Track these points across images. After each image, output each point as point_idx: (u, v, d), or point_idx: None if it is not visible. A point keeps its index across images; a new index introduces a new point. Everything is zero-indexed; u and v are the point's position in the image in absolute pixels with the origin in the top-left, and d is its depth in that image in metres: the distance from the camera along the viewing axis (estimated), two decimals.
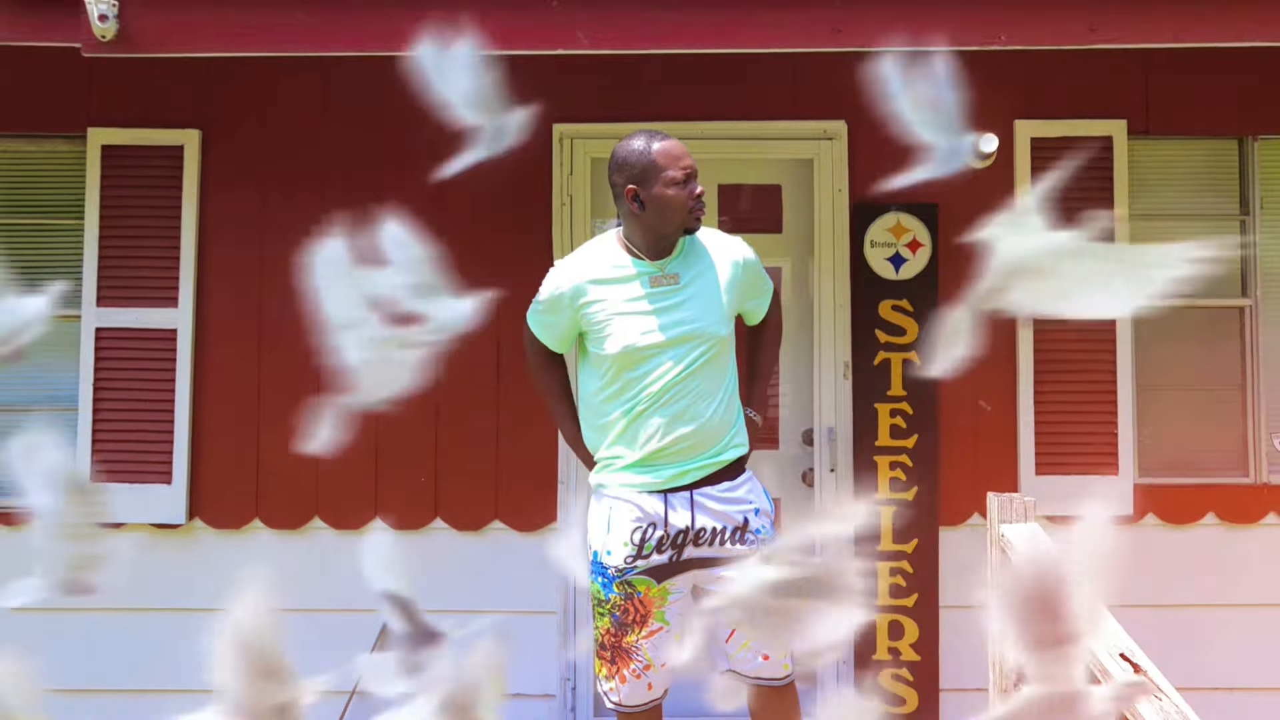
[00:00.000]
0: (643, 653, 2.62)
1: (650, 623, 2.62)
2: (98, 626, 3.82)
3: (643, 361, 2.59)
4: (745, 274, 2.70)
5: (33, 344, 2.52)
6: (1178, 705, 1.89)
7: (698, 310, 2.61)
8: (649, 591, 2.62)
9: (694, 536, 2.61)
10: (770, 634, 0.92)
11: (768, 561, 0.92)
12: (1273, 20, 2.62)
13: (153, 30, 2.72)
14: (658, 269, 2.64)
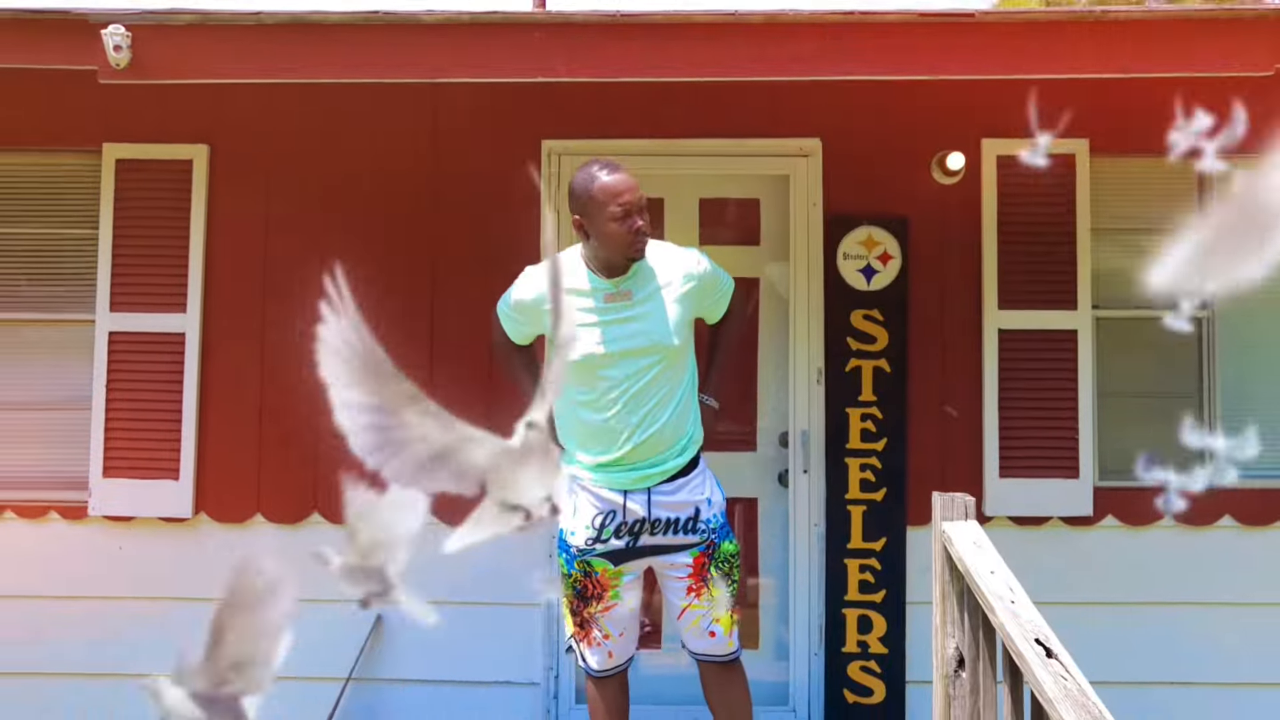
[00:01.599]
0: (600, 625, 2.92)
1: (606, 598, 2.89)
2: (113, 613, 4.03)
3: (599, 369, 2.81)
4: (699, 284, 2.91)
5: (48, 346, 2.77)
6: (1079, 684, 2.08)
7: (650, 325, 2.83)
8: (605, 572, 2.89)
9: (649, 526, 2.87)
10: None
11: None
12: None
13: (163, 59, 2.94)
14: (613, 286, 2.87)
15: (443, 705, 4.01)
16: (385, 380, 0.88)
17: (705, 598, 2.93)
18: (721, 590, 2.93)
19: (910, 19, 2.90)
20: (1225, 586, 4.03)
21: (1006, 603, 2.41)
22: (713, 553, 2.92)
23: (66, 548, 4.07)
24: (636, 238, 2.82)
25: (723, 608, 2.94)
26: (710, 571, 2.92)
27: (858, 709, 3.97)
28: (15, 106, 4.07)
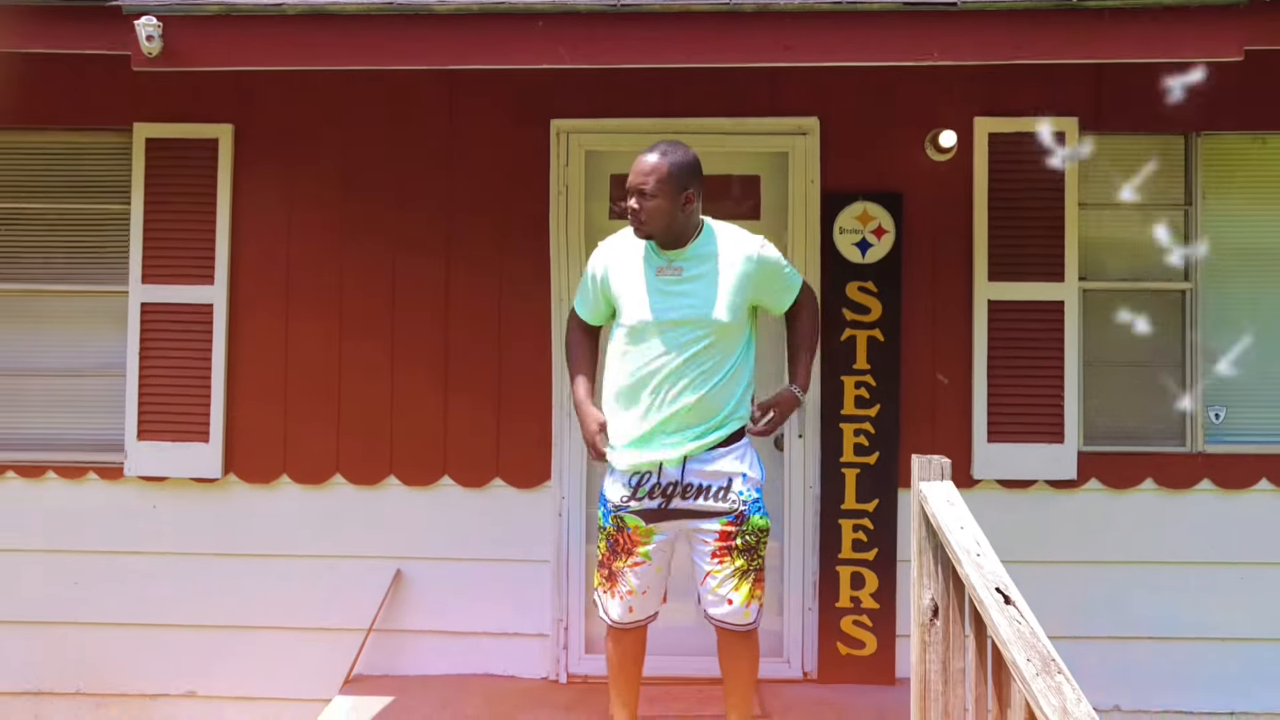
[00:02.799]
0: (627, 579, 3.11)
1: (635, 554, 3.09)
2: (148, 567, 4.29)
3: (646, 336, 3.04)
4: (758, 268, 3.09)
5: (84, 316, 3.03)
6: (1032, 628, 2.28)
7: (698, 300, 3.03)
8: (637, 529, 3.10)
9: (681, 490, 3.07)
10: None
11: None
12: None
13: (193, 48, 3.14)
14: (665, 260, 3.08)
15: (458, 654, 4.26)
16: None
17: (728, 566, 3.10)
18: (744, 561, 3.12)
19: (894, 7, 3.07)
20: (1203, 547, 4.22)
21: (973, 556, 2.61)
22: (742, 524, 3.09)
23: (104, 506, 4.32)
24: (632, 215, 3.03)
25: (743, 578, 3.12)
26: (736, 542, 3.10)
27: (850, 660, 4.19)
28: (50, 88, 4.28)
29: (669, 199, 3.03)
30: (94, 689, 4.30)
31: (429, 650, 4.26)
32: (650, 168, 3.03)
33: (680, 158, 3.07)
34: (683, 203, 3.05)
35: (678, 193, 3.03)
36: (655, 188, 3.02)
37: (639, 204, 3.02)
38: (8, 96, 4.24)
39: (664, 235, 3.08)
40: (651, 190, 3.02)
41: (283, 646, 4.27)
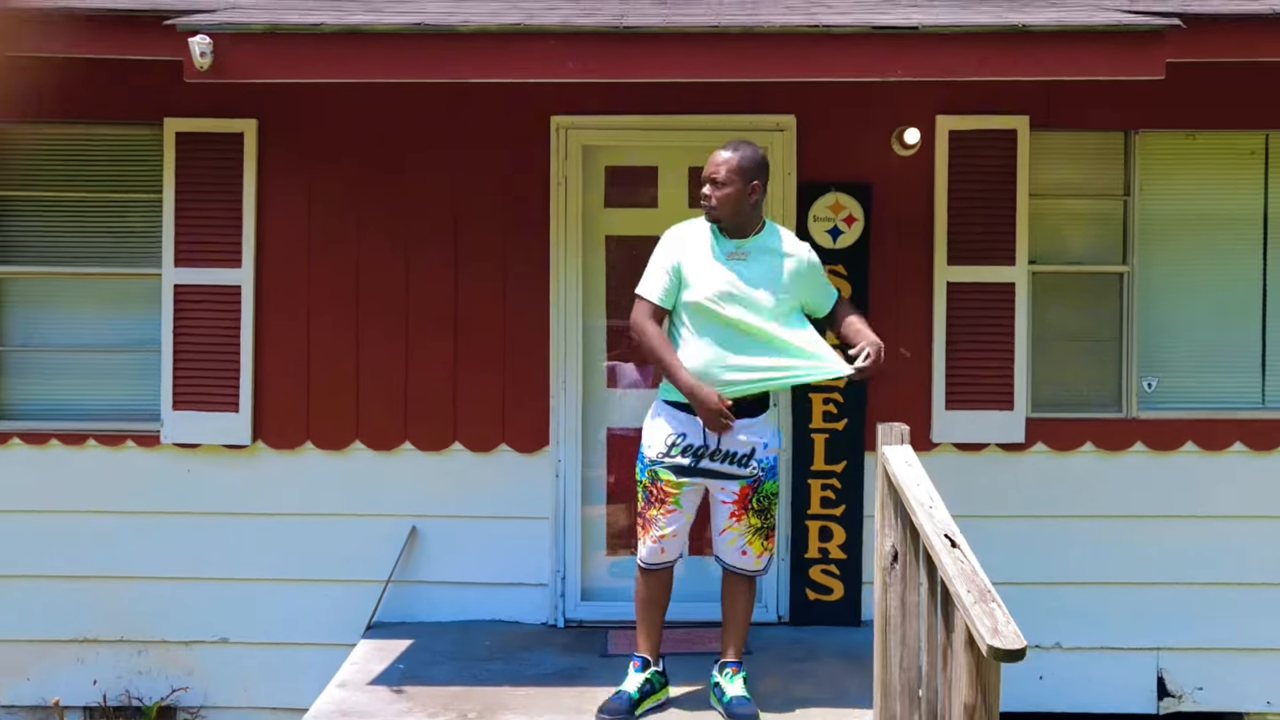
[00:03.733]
0: (660, 524, 3.59)
1: (668, 504, 3.58)
2: (182, 526, 4.70)
3: (711, 310, 3.49)
4: (807, 269, 3.60)
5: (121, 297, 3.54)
6: (972, 565, 2.75)
7: (761, 284, 3.50)
8: (669, 483, 3.59)
9: (710, 453, 3.55)
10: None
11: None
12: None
13: (240, 62, 3.51)
14: (735, 246, 3.56)
15: (468, 603, 4.70)
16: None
17: (744, 524, 3.60)
18: (758, 520, 3.61)
19: (862, 30, 3.48)
20: (1137, 502, 4.72)
21: (926, 508, 3.07)
22: (758, 487, 3.59)
23: (142, 471, 4.72)
24: (706, 202, 3.53)
25: (756, 534, 3.62)
26: (752, 503, 3.59)
27: (819, 605, 4.68)
28: (88, 86, 4.61)
29: (737, 188, 3.50)
30: (135, 636, 4.71)
31: (442, 599, 4.71)
32: (723, 160, 3.51)
33: (750, 154, 3.55)
34: (749, 192, 3.52)
35: (746, 183, 3.51)
36: (726, 177, 3.50)
37: (711, 191, 3.50)
38: (50, 94, 4.59)
39: (731, 220, 3.55)
40: (723, 179, 3.50)
41: (308, 597, 4.70)
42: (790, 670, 4.12)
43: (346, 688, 3.92)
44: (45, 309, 4.83)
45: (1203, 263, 4.82)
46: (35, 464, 4.70)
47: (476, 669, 4.12)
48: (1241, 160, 4.81)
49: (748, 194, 3.51)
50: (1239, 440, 4.73)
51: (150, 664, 4.71)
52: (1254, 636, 4.72)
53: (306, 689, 4.24)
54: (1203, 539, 4.71)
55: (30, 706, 4.69)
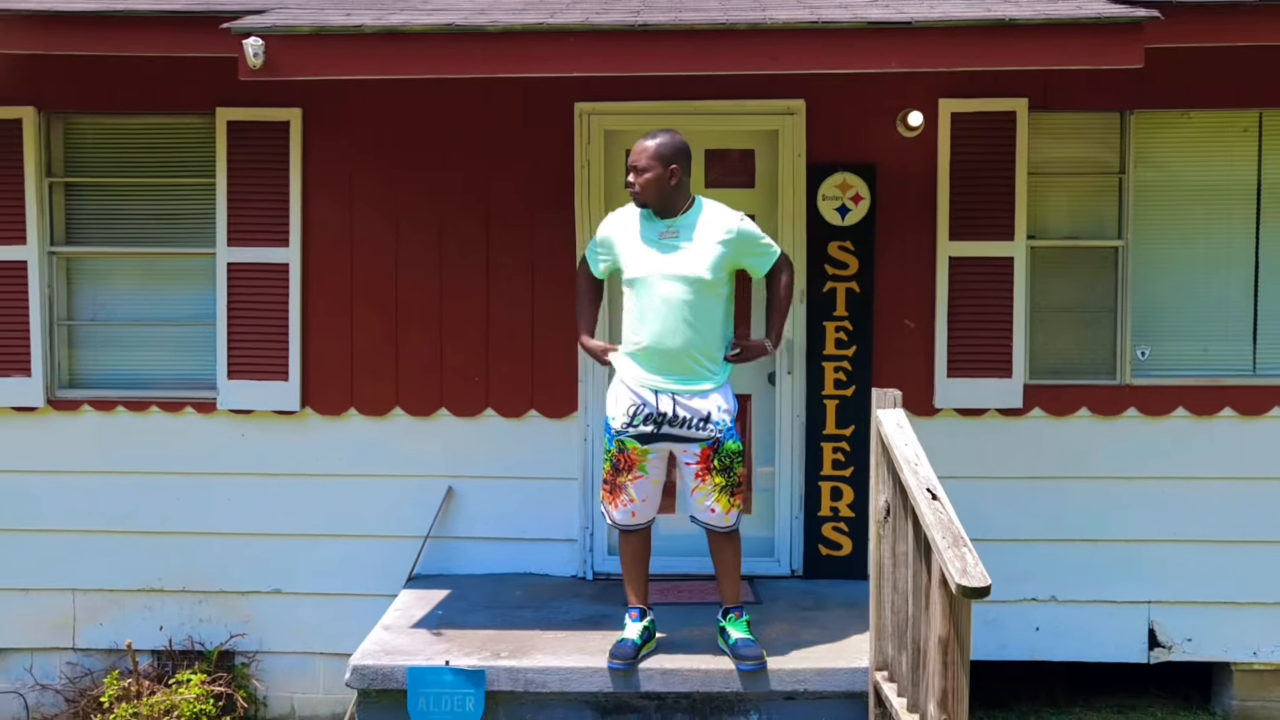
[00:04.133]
0: (629, 490, 3.89)
1: (634, 470, 3.88)
2: (237, 485, 5.09)
3: (646, 287, 3.81)
4: (737, 237, 3.85)
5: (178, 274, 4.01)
6: (949, 515, 3.06)
7: (688, 259, 3.79)
8: (634, 450, 3.88)
9: (670, 419, 3.84)
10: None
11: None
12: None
13: (289, 61, 3.83)
14: (665, 226, 3.86)
15: (501, 557, 5.08)
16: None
17: (709, 483, 3.91)
18: (721, 479, 3.91)
19: (860, 26, 3.75)
20: (1129, 465, 4.99)
21: (913, 466, 3.39)
22: (717, 449, 3.90)
23: (200, 435, 5.11)
24: (629, 188, 3.84)
25: (722, 491, 3.92)
26: (714, 463, 3.90)
27: (829, 559, 5.01)
28: (144, 78, 4.97)
29: (657, 173, 3.79)
30: (196, 587, 5.13)
31: (476, 554, 5.08)
32: (644, 148, 3.81)
33: (667, 140, 3.82)
34: (669, 176, 3.80)
35: (665, 167, 3.79)
36: (646, 163, 3.79)
37: (634, 178, 3.81)
38: (112, 88, 4.96)
39: (656, 204, 3.84)
40: (644, 165, 3.79)
41: (352, 551, 5.09)
42: (799, 618, 4.45)
43: (390, 630, 4.31)
44: (110, 286, 5.22)
45: (1196, 237, 5.06)
46: (104, 428, 5.11)
47: (509, 615, 4.49)
48: (1235, 137, 5.03)
49: (668, 178, 3.79)
50: (1229, 406, 4.98)
51: (210, 612, 5.13)
52: (1240, 591, 4.99)
53: (352, 634, 4.62)
54: (1192, 499, 4.98)
55: (104, 650, 5.12)
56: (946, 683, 2.96)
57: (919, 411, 4.95)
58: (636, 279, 3.85)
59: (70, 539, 5.12)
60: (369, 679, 3.94)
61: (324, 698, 5.11)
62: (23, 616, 5.14)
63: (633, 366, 3.90)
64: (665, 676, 3.91)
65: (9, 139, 5.02)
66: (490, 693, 3.88)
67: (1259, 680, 5.04)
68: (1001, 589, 4.90)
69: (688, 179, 3.88)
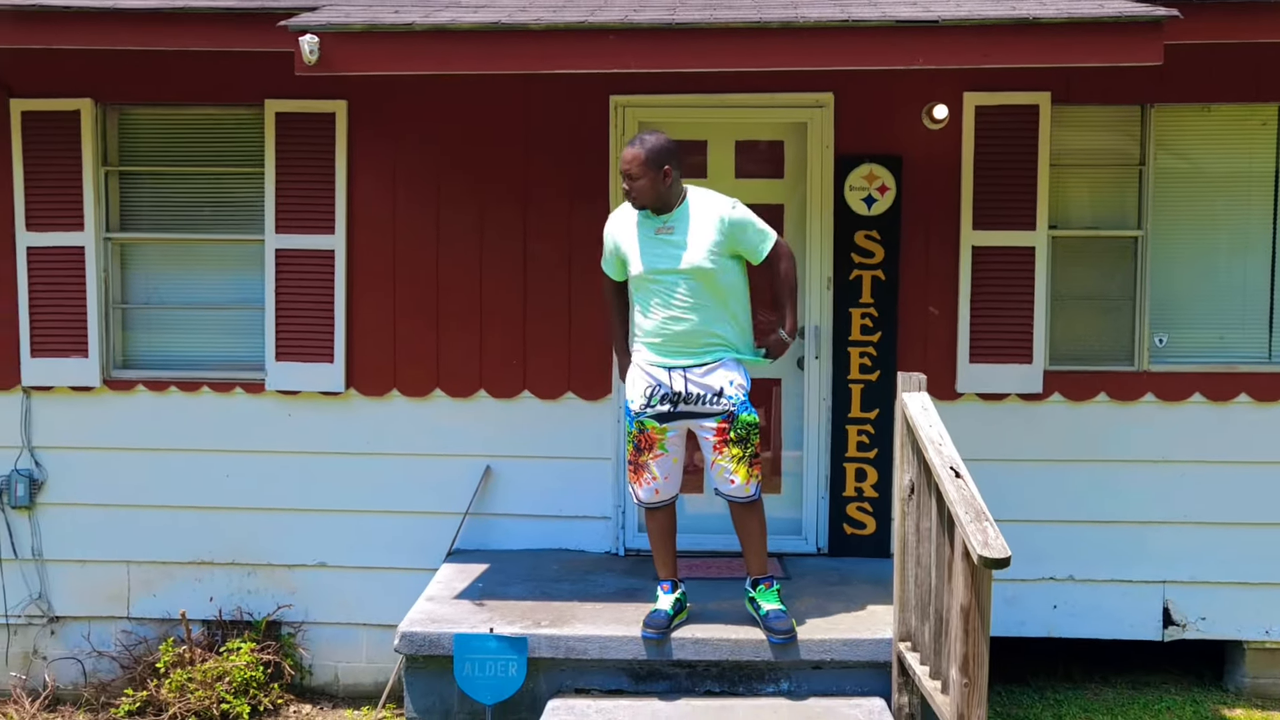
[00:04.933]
0: (651, 469, 4.10)
1: (655, 449, 4.08)
2: (284, 463, 5.31)
3: (648, 281, 4.00)
4: (730, 224, 4.01)
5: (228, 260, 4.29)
6: (972, 492, 3.23)
7: (685, 251, 3.96)
8: (654, 429, 4.10)
9: (684, 397, 4.04)
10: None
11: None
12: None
13: (343, 57, 4.02)
14: (661, 222, 4.03)
15: (537, 533, 5.28)
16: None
17: (726, 455, 4.09)
18: (739, 450, 4.09)
19: (888, 24, 3.91)
20: (1146, 449, 5.14)
21: (937, 445, 3.55)
22: (733, 422, 4.07)
23: (249, 415, 5.33)
24: (627, 195, 4.00)
25: (740, 462, 4.10)
26: (731, 434, 4.08)
27: (854, 538, 5.18)
28: (195, 71, 5.17)
29: (650, 177, 3.94)
30: (245, 560, 5.35)
31: (514, 530, 5.28)
32: (632, 156, 3.94)
33: (654, 144, 3.96)
34: (663, 177, 3.97)
35: (657, 170, 3.94)
36: (639, 171, 3.94)
37: (629, 185, 3.97)
38: (166, 80, 5.17)
39: (653, 204, 4.02)
40: (637, 173, 3.95)
41: (395, 527, 5.30)
42: (825, 592, 4.63)
43: (434, 601, 4.51)
44: (163, 271, 5.44)
45: (1214, 228, 5.19)
46: (157, 408, 5.34)
47: (547, 587, 4.69)
48: (1253, 131, 5.16)
49: (662, 179, 3.95)
50: (1244, 392, 5.12)
51: (258, 584, 5.35)
52: (1254, 572, 5.14)
53: (394, 607, 4.84)
54: (1207, 482, 5.13)
55: (157, 619, 5.36)
56: (968, 649, 3.14)
57: (941, 396, 5.12)
58: (640, 274, 4.05)
59: (125, 513, 5.35)
60: (417, 645, 4.15)
61: (367, 666, 5.34)
62: (80, 587, 5.38)
63: (646, 351, 4.09)
64: (697, 646, 4.10)
65: (68, 129, 5.23)
66: (531, 659, 4.08)
67: (1271, 658, 5.20)
68: (1021, 568, 5.12)
69: (679, 175, 4.05)
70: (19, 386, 5.35)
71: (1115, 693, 5.22)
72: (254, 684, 5.02)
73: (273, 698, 5.08)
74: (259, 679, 5.05)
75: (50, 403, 5.35)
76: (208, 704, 4.88)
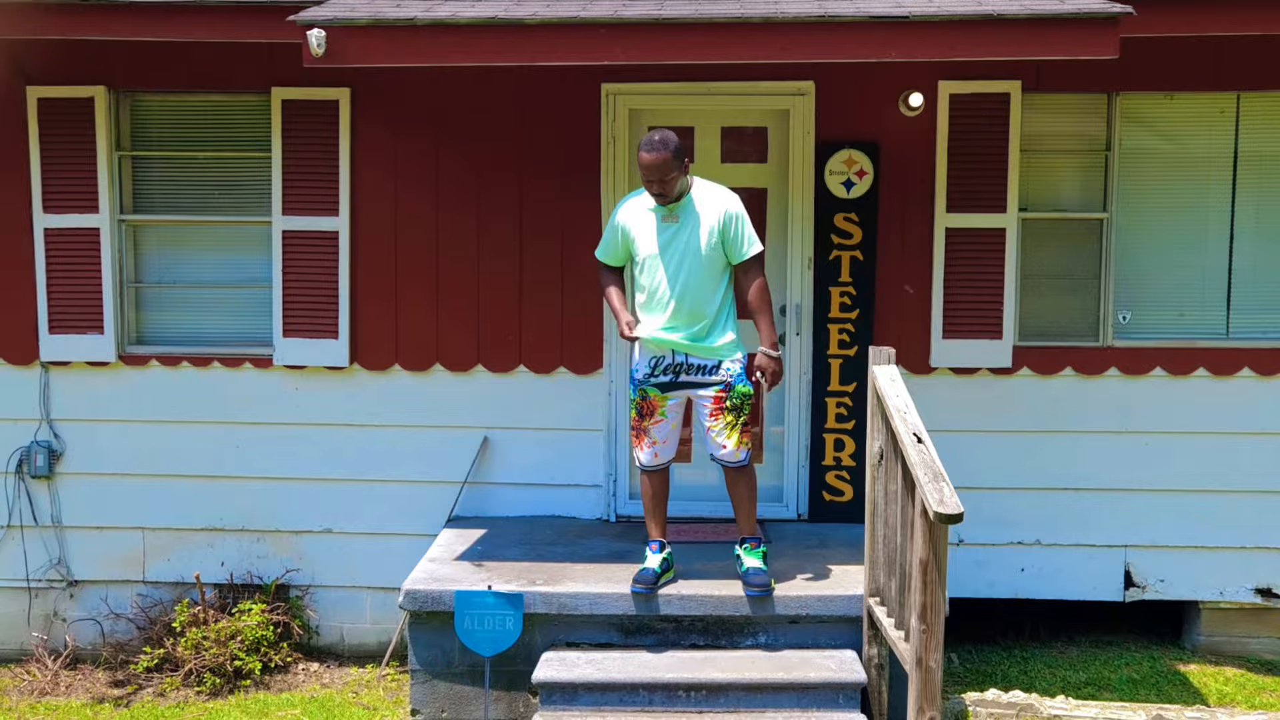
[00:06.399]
0: (652, 434, 4.38)
1: (656, 415, 4.38)
2: (290, 434, 5.58)
3: (653, 264, 4.31)
4: (724, 217, 4.33)
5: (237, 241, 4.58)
6: (931, 455, 3.51)
7: (687, 237, 4.29)
8: (655, 398, 4.38)
9: (685, 369, 4.32)
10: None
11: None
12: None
13: (349, 50, 4.25)
14: (667, 211, 4.34)
15: (532, 501, 5.56)
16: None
17: (721, 422, 4.39)
18: (732, 417, 4.38)
19: (862, 19, 4.16)
20: (1110, 420, 5.43)
21: (902, 414, 3.83)
22: (730, 391, 4.37)
23: (258, 388, 5.59)
24: (653, 194, 4.32)
25: (732, 429, 4.38)
26: (726, 403, 4.37)
27: (833, 504, 5.47)
28: (204, 60, 5.41)
29: (676, 174, 4.27)
30: (254, 527, 5.63)
31: (510, 497, 5.56)
32: (661, 160, 4.23)
33: (676, 144, 4.25)
34: (684, 171, 4.31)
35: (680, 165, 4.27)
36: (668, 172, 4.24)
37: (660, 187, 4.26)
38: (174, 68, 5.41)
39: (674, 196, 4.32)
40: (666, 175, 4.25)
41: (396, 495, 5.58)
42: (803, 554, 4.92)
43: (436, 562, 4.80)
44: (175, 252, 5.69)
45: (1176, 210, 5.46)
46: (169, 382, 5.60)
47: (542, 550, 4.98)
48: (1213, 118, 5.42)
49: (683, 173, 4.31)
50: (1203, 367, 5.40)
51: (267, 549, 5.63)
52: (1210, 536, 5.44)
53: (397, 570, 5.10)
54: (1167, 451, 5.42)
55: (171, 583, 5.64)
56: (926, 598, 3.42)
57: (916, 370, 5.41)
58: (649, 257, 4.38)
59: (139, 482, 5.62)
60: (420, 602, 4.44)
61: (371, 627, 5.62)
62: (98, 552, 5.66)
63: (650, 327, 4.39)
64: (683, 601, 4.39)
65: (83, 116, 5.47)
66: (526, 615, 4.37)
67: (1225, 618, 5.50)
68: (990, 533, 5.42)
69: (688, 166, 4.38)
70: (38, 362, 5.61)
71: (1079, 650, 5.53)
72: (265, 643, 5.31)
73: (282, 656, 5.36)
74: (269, 638, 5.34)
75: (68, 377, 5.61)
76: (221, 660, 5.17)
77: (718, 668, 4.20)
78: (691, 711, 4.10)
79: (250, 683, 5.20)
